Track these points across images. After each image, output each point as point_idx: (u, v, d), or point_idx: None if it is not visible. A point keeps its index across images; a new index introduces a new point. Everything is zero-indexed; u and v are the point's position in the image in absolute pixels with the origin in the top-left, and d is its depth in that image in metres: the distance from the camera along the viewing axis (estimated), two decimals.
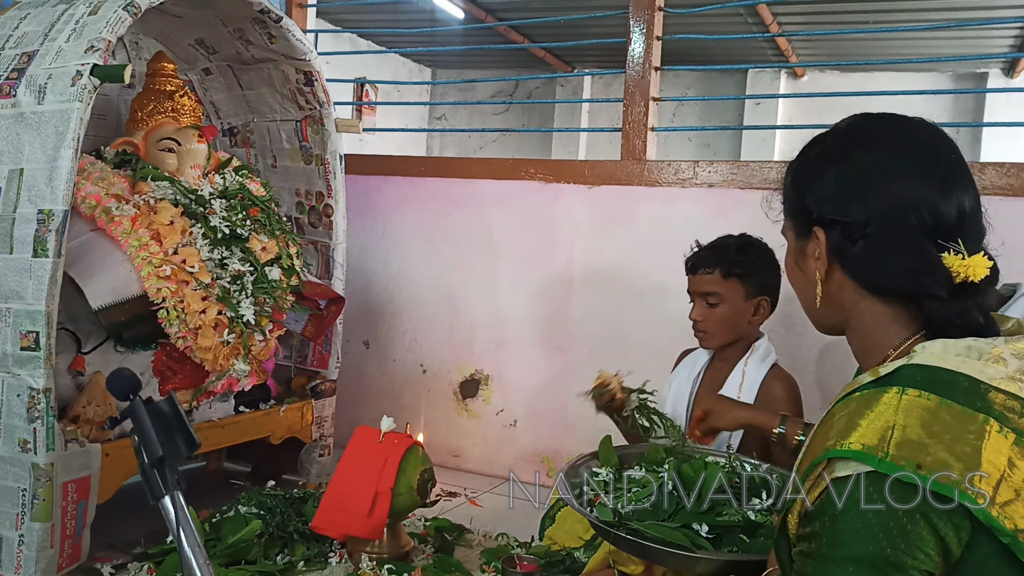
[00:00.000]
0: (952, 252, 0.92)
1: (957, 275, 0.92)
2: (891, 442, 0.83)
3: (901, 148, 0.99)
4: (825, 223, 1.00)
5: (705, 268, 1.95)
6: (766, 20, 6.00)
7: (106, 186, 2.05)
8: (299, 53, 2.44)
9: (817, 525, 0.86)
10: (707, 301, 1.95)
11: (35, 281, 1.74)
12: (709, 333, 1.97)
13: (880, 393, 0.88)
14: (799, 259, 1.06)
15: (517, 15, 6.49)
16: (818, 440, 0.91)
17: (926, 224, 0.94)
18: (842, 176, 0.99)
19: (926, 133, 1.00)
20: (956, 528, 0.81)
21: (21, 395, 1.75)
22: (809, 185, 1.03)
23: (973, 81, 7.41)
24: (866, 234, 0.96)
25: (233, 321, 2.10)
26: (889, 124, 1.02)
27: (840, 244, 0.99)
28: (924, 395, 0.86)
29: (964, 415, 0.85)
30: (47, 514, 1.76)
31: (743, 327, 1.96)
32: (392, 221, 3.06)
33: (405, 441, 1.94)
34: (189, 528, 0.89)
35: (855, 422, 0.86)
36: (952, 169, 0.97)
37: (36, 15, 1.96)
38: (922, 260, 0.94)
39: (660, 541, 1.31)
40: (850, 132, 1.04)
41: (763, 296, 1.95)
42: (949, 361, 0.89)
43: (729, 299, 1.93)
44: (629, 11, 2.73)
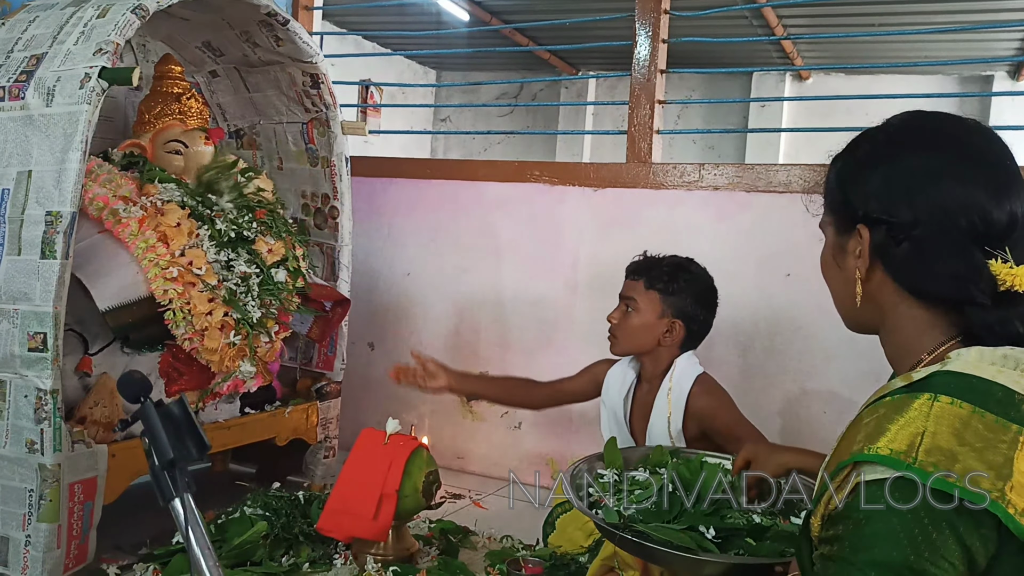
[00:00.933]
0: (999, 259, 0.90)
1: (1003, 283, 0.90)
2: (920, 448, 0.82)
3: (954, 150, 0.96)
4: (870, 221, 0.97)
5: (634, 275, 2.03)
6: (771, 23, 6.00)
7: (113, 188, 2.05)
8: (306, 56, 2.45)
9: (840, 529, 0.85)
10: (626, 305, 2.01)
11: (43, 282, 1.74)
12: (617, 339, 2.03)
13: (912, 399, 0.87)
14: (838, 255, 1.04)
15: (522, 17, 6.49)
16: (845, 443, 0.90)
17: (976, 229, 0.91)
18: (891, 175, 0.97)
19: (981, 136, 0.98)
20: (983, 539, 0.80)
21: (28, 396, 1.76)
22: (855, 181, 1.00)
23: (978, 84, 7.40)
24: (912, 235, 0.94)
25: (239, 323, 2.10)
26: (943, 124, 1.00)
27: (884, 244, 0.96)
28: (957, 403, 0.85)
29: (997, 425, 0.83)
30: (54, 515, 1.76)
31: (650, 343, 2.00)
32: (397, 223, 3.07)
33: (410, 443, 1.94)
34: (199, 530, 0.90)
35: (884, 427, 0.85)
36: (1006, 174, 0.95)
37: (45, 18, 1.97)
38: (968, 266, 0.92)
39: (665, 543, 1.31)
40: (902, 130, 1.01)
41: (677, 320, 1.98)
42: (984, 370, 0.87)
43: (643, 310, 1.98)
44: (635, 14, 2.74)
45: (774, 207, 2.49)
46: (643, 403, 2.03)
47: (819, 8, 5.65)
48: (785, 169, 2.52)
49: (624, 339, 2.01)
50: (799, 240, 2.44)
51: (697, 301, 1.99)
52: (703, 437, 1.93)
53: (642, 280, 1.99)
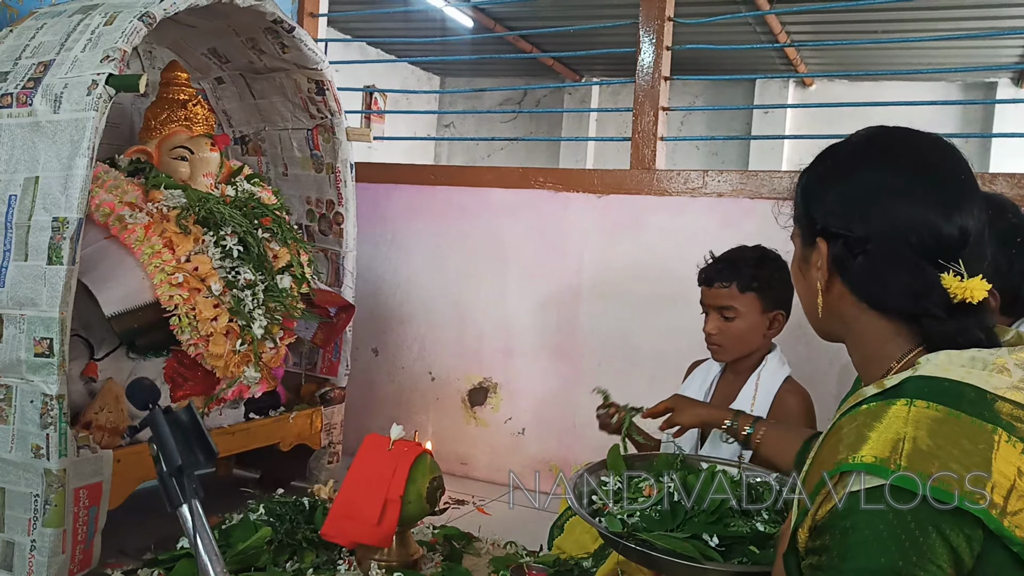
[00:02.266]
0: (952, 273, 0.93)
1: (955, 296, 0.93)
2: (903, 454, 0.83)
3: (908, 167, 0.99)
4: (828, 235, 1.00)
5: (721, 282, 1.91)
6: (775, 30, 6.02)
7: (120, 194, 2.06)
8: (311, 63, 2.46)
9: (827, 538, 0.86)
10: (723, 315, 1.91)
11: (49, 288, 1.75)
12: (723, 347, 1.94)
13: (888, 405, 0.88)
14: (803, 267, 1.07)
15: (526, 24, 6.52)
16: (826, 453, 0.91)
17: (926, 245, 0.94)
18: (847, 191, 1.00)
19: (937, 152, 1.00)
20: (968, 539, 0.81)
21: (35, 401, 1.76)
22: (816, 196, 1.04)
23: (982, 91, 7.40)
24: (866, 250, 0.97)
25: (244, 329, 2.11)
26: (900, 141, 1.02)
27: (841, 257, 0.99)
28: (933, 406, 0.86)
29: (973, 425, 0.85)
30: (59, 520, 1.77)
31: (758, 341, 1.94)
32: (401, 229, 3.07)
33: (414, 449, 1.94)
34: (207, 536, 0.90)
35: (865, 435, 0.86)
36: (959, 190, 0.97)
37: (52, 25, 1.98)
38: (919, 281, 0.94)
39: (669, 552, 1.31)
40: (861, 146, 1.04)
41: (779, 310, 1.93)
42: (954, 372, 0.89)
43: (745, 313, 1.90)
44: (639, 21, 2.74)
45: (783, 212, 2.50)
46: (724, 393, 1.98)
47: (822, 15, 5.66)
48: (788, 176, 2.53)
49: (732, 346, 1.93)
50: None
51: (787, 285, 1.95)
52: None
53: (734, 285, 1.90)
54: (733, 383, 1.98)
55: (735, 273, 1.90)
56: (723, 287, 1.91)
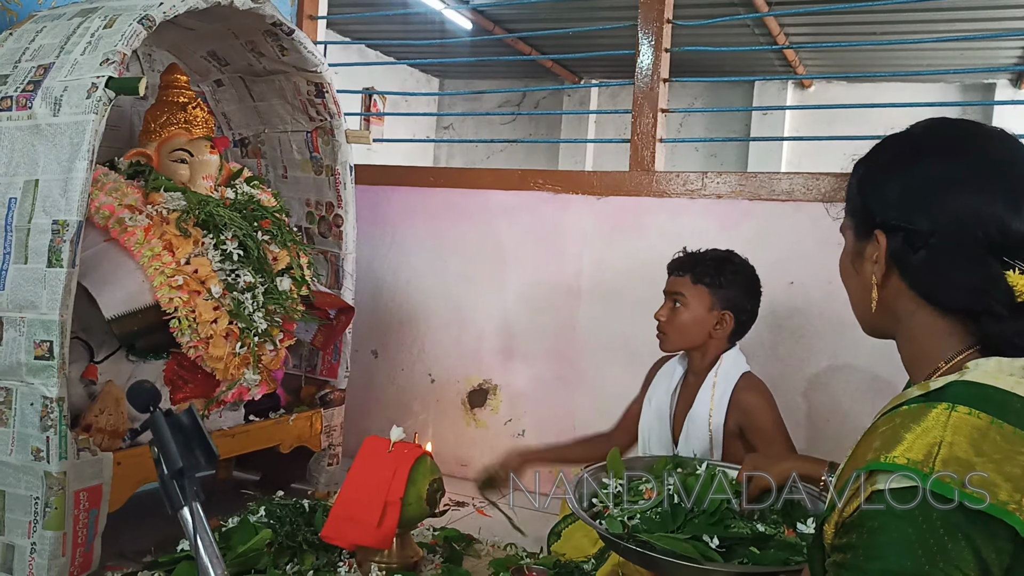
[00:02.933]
0: (1017, 271, 0.89)
1: (1020, 295, 0.89)
2: (937, 458, 0.81)
3: (974, 159, 0.96)
4: (888, 227, 0.97)
5: (679, 271, 2.01)
6: (773, 32, 6.02)
7: (119, 196, 2.07)
8: (310, 65, 2.46)
9: (854, 537, 0.84)
10: (673, 301, 2.00)
11: (49, 291, 1.75)
12: (667, 335, 2.01)
13: (928, 408, 0.86)
14: (856, 261, 1.03)
15: (525, 26, 6.52)
16: (860, 451, 0.89)
17: (993, 240, 0.91)
18: (909, 183, 0.96)
19: (1002, 144, 0.97)
20: (999, 550, 0.79)
21: (35, 404, 1.76)
22: (875, 187, 1.00)
23: (981, 92, 7.41)
24: (929, 244, 0.93)
25: (244, 331, 2.11)
26: (964, 132, 0.99)
27: (901, 251, 0.96)
28: (975, 413, 0.84)
29: (1016, 436, 0.83)
30: (59, 522, 1.77)
31: (701, 337, 1.99)
32: (401, 231, 3.08)
33: (414, 451, 1.94)
34: (208, 539, 0.90)
35: (901, 436, 0.85)
36: None
37: (52, 28, 1.98)
38: (985, 276, 0.91)
39: (670, 553, 1.31)
40: (923, 137, 1.01)
41: (727, 311, 1.97)
42: (1003, 381, 0.87)
43: (692, 305, 1.97)
44: (637, 23, 2.75)
45: (777, 215, 2.50)
46: (688, 396, 2.02)
47: (821, 17, 5.66)
48: (788, 177, 2.53)
49: (675, 335, 2.00)
50: (802, 248, 2.44)
51: (744, 291, 1.99)
52: (740, 435, 1.92)
53: (688, 275, 1.97)
54: (693, 386, 2.02)
55: (692, 265, 1.99)
56: (679, 276, 2.00)
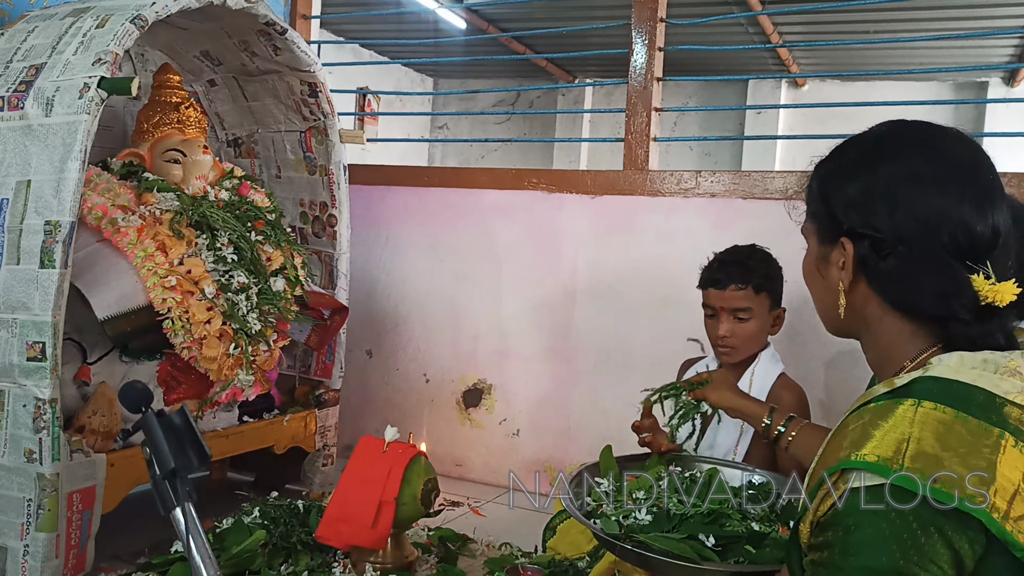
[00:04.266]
0: (982, 275, 0.90)
1: (984, 299, 0.90)
2: (906, 454, 0.82)
3: (936, 160, 0.95)
4: (854, 235, 0.97)
5: (737, 284, 1.90)
6: (767, 30, 6.03)
7: (112, 197, 2.06)
8: (304, 65, 2.45)
9: (830, 535, 0.85)
10: (736, 316, 1.91)
11: (42, 292, 1.75)
12: (736, 349, 1.93)
13: (895, 405, 0.87)
14: (821, 265, 1.04)
15: (519, 26, 6.52)
16: (831, 450, 0.90)
17: (958, 244, 0.91)
18: (872, 186, 0.96)
19: (963, 146, 0.97)
20: (970, 542, 0.81)
21: (27, 405, 1.76)
22: (837, 192, 1.00)
23: (974, 91, 7.43)
24: (896, 251, 0.94)
25: (238, 332, 2.11)
26: (926, 134, 0.99)
27: (868, 258, 0.96)
28: (940, 408, 0.85)
29: (980, 429, 0.84)
30: (52, 524, 1.76)
31: (764, 340, 1.97)
32: (395, 231, 3.07)
33: (409, 451, 1.94)
34: (200, 540, 0.90)
35: (869, 433, 0.86)
36: (988, 186, 0.94)
37: (44, 28, 1.98)
38: (952, 282, 0.91)
39: (665, 553, 1.31)
40: (884, 139, 1.00)
41: (782, 308, 1.96)
42: (965, 374, 0.88)
43: (759, 314, 1.91)
44: (631, 22, 2.75)
45: (770, 214, 2.50)
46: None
47: (814, 16, 5.67)
48: (781, 176, 2.53)
49: (744, 347, 1.93)
50: (795, 247, 2.43)
51: (782, 282, 1.96)
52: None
53: (750, 287, 1.89)
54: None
55: (748, 275, 1.90)
56: (739, 289, 1.90)
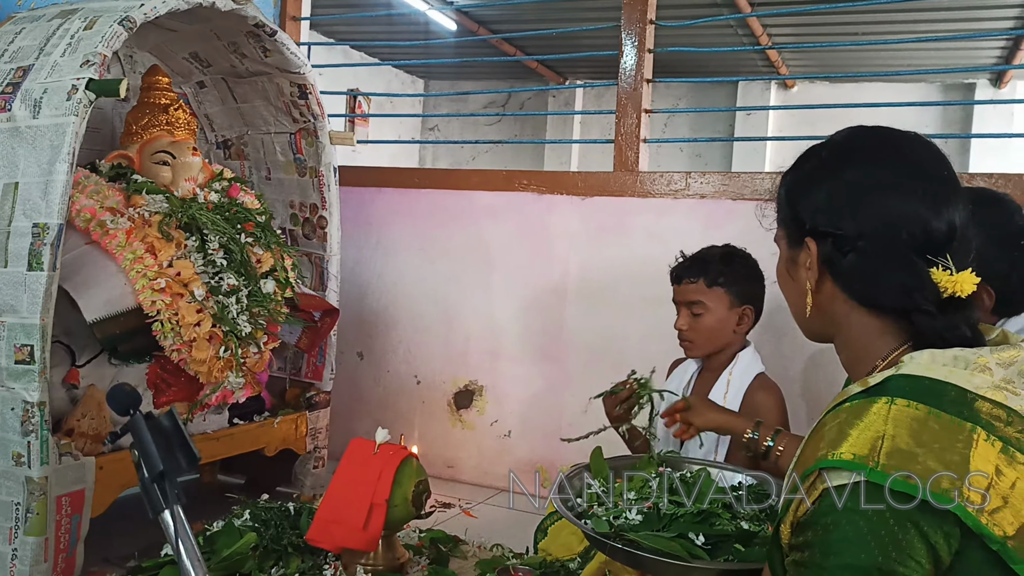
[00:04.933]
0: (940, 268, 0.94)
1: (945, 290, 0.94)
2: (881, 451, 0.84)
3: (894, 163, 1.00)
4: (817, 234, 1.01)
5: (689, 278, 1.97)
6: (756, 32, 6.06)
7: (101, 199, 2.05)
8: (293, 66, 2.45)
9: (810, 535, 0.87)
10: (692, 311, 1.97)
11: (30, 294, 1.74)
12: (694, 343, 1.99)
13: (869, 403, 0.89)
14: (790, 268, 1.07)
15: (509, 27, 6.53)
16: (809, 450, 0.92)
17: (916, 240, 0.95)
18: (834, 190, 1.01)
19: (919, 148, 1.01)
20: (946, 536, 0.82)
21: (15, 408, 1.75)
22: (802, 196, 1.04)
23: (961, 92, 7.48)
24: (857, 247, 0.98)
25: (228, 334, 2.10)
26: (882, 138, 1.03)
27: (831, 256, 1.00)
28: (913, 405, 0.87)
29: (952, 424, 0.86)
30: (41, 528, 1.75)
31: (727, 336, 1.98)
32: (386, 232, 3.07)
33: (400, 453, 1.94)
34: (189, 542, 0.90)
35: (845, 432, 0.87)
36: (944, 185, 0.98)
37: (31, 29, 1.97)
38: (912, 275, 0.95)
39: (656, 552, 1.31)
40: (844, 145, 1.05)
41: (747, 305, 1.97)
42: (936, 371, 0.90)
43: (713, 308, 1.95)
44: (621, 24, 2.76)
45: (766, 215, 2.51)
46: (701, 391, 2.01)
47: (803, 18, 5.70)
48: (771, 177, 2.52)
49: (702, 341, 1.98)
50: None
51: (753, 280, 1.98)
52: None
53: (702, 280, 1.96)
54: (708, 380, 2.01)
55: (702, 269, 1.96)
56: (691, 283, 1.97)
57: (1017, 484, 0.84)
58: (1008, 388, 0.90)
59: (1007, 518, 0.82)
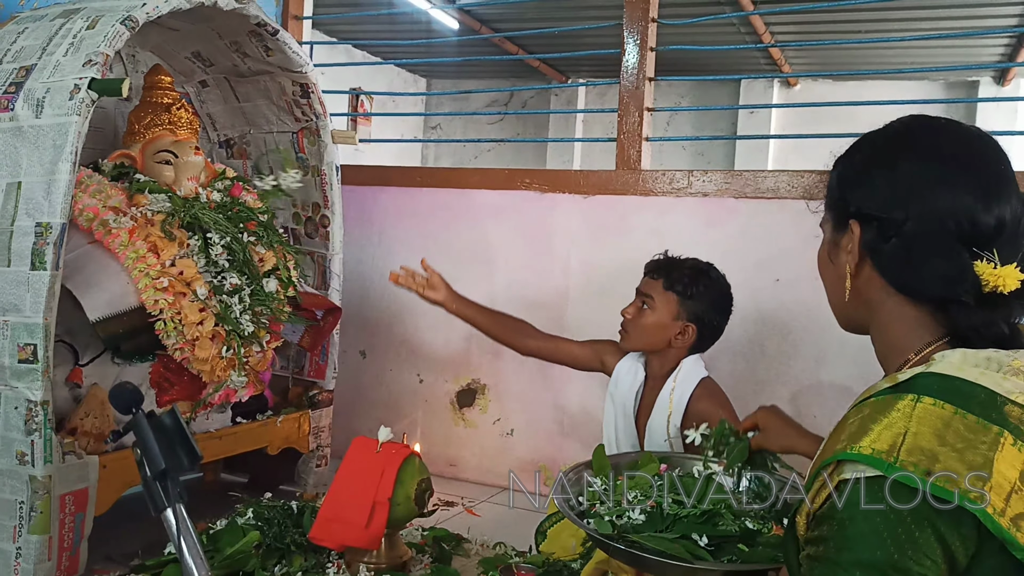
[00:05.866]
0: (985, 261, 0.92)
1: (987, 284, 0.92)
2: (902, 448, 0.83)
3: (949, 157, 0.98)
4: (862, 217, 1.00)
5: (653, 273, 2.03)
6: (759, 30, 6.05)
7: (103, 198, 2.05)
8: (295, 65, 2.45)
9: (825, 529, 0.86)
10: (642, 302, 2.03)
11: (33, 294, 1.74)
12: (629, 334, 2.05)
13: (895, 400, 0.88)
14: (832, 252, 1.06)
15: (512, 26, 6.52)
16: (830, 443, 0.91)
17: (963, 231, 0.93)
18: (887, 179, 0.99)
19: (977, 141, 1.00)
20: (963, 538, 0.81)
21: (19, 408, 1.75)
22: (854, 183, 1.03)
23: (964, 90, 7.47)
24: (901, 232, 0.96)
25: (230, 333, 2.10)
26: (940, 130, 1.02)
27: (874, 240, 0.99)
28: (939, 404, 0.86)
29: (978, 426, 0.84)
30: (45, 527, 1.76)
31: (662, 342, 2.02)
32: (388, 231, 3.07)
33: (402, 451, 1.94)
34: (192, 540, 0.90)
35: (868, 427, 0.86)
36: (998, 179, 0.97)
37: (34, 29, 1.97)
38: (954, 265, 0.93)
39: (659, 553, 1.31)
40: (901, 134, 1.03)
41: (691, 323, 1.99)
42: (968, 372, 0.89)
43: (659, 309, 2.00)
44: (623, 22, 2.75)
45: (763, 213, 2.51)
46: (648, 401, 2.04)
47: (806, 15, 5.69)
48: (773, 175, 2.54)
49: (636, 335, 2.03)
50: (788, 246, 2.45)
51: (713, 307, 2.01)
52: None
53: (661, 280, 2.00)
54: (653, 389, 2.06)
55: (667, 271, 2.02)
56: (653, 278, 2.03)
57: None
58: None
59: None
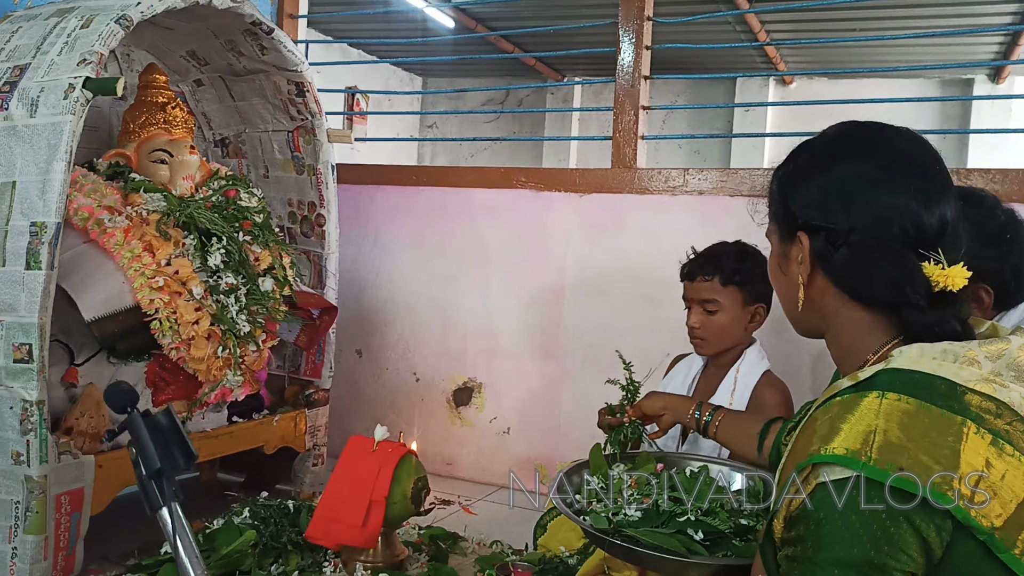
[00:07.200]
0: (932, 262, 0.94)
1: (936, 284, 0.94)
2: (874, 446, 0.84)
3: (885, 158, 1.00)
4: (809, 228, 1.01)
5: (704, 275, 1.96)
6: (754, 29, 6.05)
7: (98, 198, 2.05)
8: (290, 64, 2.45)
9: (802, 529, 0.87)
10: (705, 308, 1.96)
11: (28, 293, 1.74)
12: (706, 340, 1.98)
13: (860, 398, 0.90)
14: (782, 263, 1.08)
15: (507, 24, 6.52)
16: (801, 445, 0.92)
17: (908, 234, 0.96)
18: (827, 185, 1.01)
19: (910, 143, 1.02)
20: (938, 529, 0.83)
21: (14, 407, 1.75)
22: (795, 191, 1.05)
23: (959, 88, 7.48)
24: (849, 241, 0.98)
25: (226, 333, 2.10)
26: (874, 134, 1.04)
27: (823, 250, 1.00)
28: (903, 399, 0.88)
29: (942, 417, 0.86)
30: (40, 527, 1.75)
31: (739, 334, 1.98)
32: (384, 230, 3.07)
33: (399, 450, 1.94)
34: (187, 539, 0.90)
35: (837, 427, 0.88)
36: (935, 179, 0.99)
37: (28, 28, 1.96)
38: (903, 270, 0.96)
39: (655, 548, 1.32)
40: (836, 141, 1.05)
41: (760, 303, 1.97)
42: (926, 365, 0.91)
43: (727, 307, 1.94)
44: (619, 21, 2.76)
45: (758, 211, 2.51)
46: (706, 388, 2.01)
47: (801, 14, 5.70)
48: (769, 173, 2.54)
49: (714, 339, 1.97)
50: None
51: (765, 279, 1.99)
52: None
53: (716, 278, 1.94)
54: (714, 377, 2.01)
55: (717, 267, 1.94)
56: (705, 281, 1.95)
57: (1006, 476, 0.84)
58: (997, 381, 0.90)
59: (995, 510, 0.83)
